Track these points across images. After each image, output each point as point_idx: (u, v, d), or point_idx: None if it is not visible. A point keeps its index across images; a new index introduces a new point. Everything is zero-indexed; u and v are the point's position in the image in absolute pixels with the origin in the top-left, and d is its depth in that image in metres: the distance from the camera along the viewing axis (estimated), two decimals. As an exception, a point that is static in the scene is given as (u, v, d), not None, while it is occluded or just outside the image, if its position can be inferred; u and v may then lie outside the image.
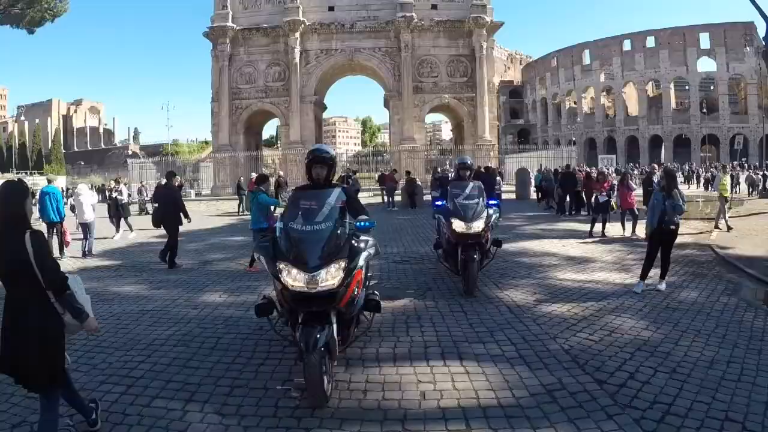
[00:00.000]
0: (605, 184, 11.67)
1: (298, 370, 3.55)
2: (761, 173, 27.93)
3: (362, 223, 3.88)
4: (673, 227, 6.24)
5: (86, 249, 10.13)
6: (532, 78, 76.06)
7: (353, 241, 3.73)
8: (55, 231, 9.72)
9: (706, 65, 58.40)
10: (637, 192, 13.84)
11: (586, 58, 65.78)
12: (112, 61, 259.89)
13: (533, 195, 21.90)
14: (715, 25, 56.91)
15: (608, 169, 24.40)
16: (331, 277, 3.40)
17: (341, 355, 3.95)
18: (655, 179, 11.20)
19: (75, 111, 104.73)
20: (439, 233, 7.34)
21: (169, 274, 8.21)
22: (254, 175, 21.56)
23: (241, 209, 20.22)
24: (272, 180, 19.92)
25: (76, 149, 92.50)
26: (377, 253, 4.04)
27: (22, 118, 74.46)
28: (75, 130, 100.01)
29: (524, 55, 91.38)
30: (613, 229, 11.83)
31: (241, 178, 21.15)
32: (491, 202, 6.69)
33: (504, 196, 19.99)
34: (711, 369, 3.98)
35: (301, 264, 3.40)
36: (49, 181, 10.05)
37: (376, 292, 4.23)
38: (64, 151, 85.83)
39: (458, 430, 3.10)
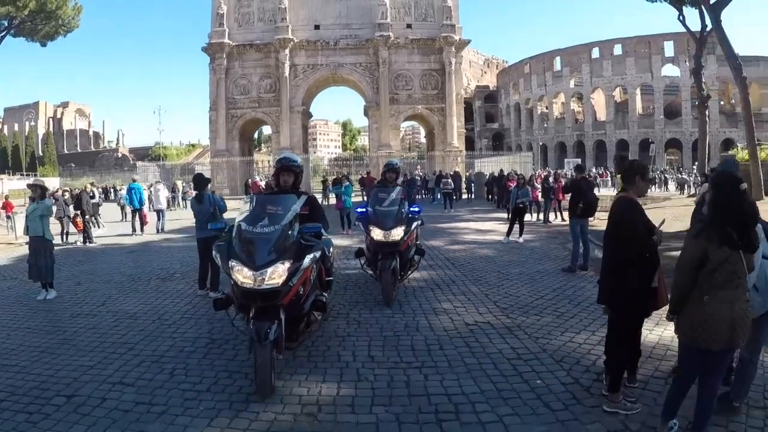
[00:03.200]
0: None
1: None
2: (693, 175, 32.44)
3: (309, 228, 4.20)
4: (521, 205, 11.23)
5: (160, 227, 14.76)
6: (507, 83, 77.15)
7: (301, 244, 4.06)
8: (137, 215, 14.25)
9: (670, 72, 59.76)
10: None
11: (557, 65, 67.32)
12: (95, 64, 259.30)
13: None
14: (679, 34, 54.12)
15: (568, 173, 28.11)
16: (277, 276, 3.72)
17: (290, 352, 4.36)
18: (551, 179, 16.23)
19: (62, 113, 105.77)
20: None
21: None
22: (257, 178, 26.16)
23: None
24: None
25: (66, 151, 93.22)
26: (324, 255, 4.47)
27: (34, 122, 75.56)
28: (65, 132, 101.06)
29: (500, 60, 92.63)
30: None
31: (249, 180, 25.32)
32: (413, 209, 6.52)
33: (464, 196, 25.06)
34: (508, 262, 8.82)
35: (250, 262, 3.73)
36: (134, 180, 14.66)
37: (324, 294, 4.50)
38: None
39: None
